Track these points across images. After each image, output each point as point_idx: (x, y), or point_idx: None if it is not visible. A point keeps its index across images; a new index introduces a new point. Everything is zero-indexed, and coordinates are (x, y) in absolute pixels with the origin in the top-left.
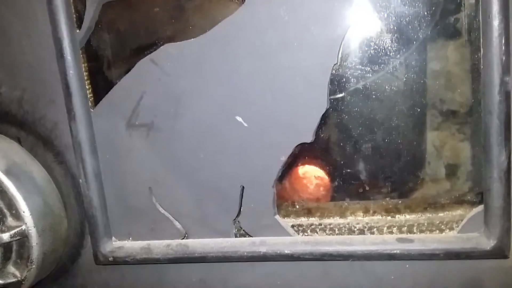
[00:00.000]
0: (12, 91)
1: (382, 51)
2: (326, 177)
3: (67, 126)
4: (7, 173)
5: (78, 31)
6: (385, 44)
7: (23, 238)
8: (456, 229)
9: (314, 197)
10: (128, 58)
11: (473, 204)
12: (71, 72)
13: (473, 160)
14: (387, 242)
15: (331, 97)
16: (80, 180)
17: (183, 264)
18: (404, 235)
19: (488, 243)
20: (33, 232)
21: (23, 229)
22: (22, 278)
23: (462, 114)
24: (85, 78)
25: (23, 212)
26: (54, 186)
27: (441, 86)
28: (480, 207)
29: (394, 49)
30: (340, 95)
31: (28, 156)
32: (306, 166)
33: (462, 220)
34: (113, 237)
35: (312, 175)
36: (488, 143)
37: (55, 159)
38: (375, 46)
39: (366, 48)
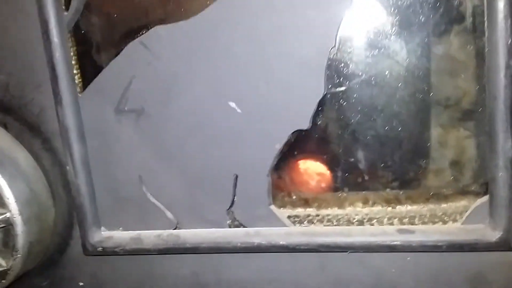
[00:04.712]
0: None
1: (382, 35)
2: (327, 173)
3: (55, 112)
4: None
5: (65, 13)
6: (385, 27)
7: (7, 226)
8: (460, 221)
9: (314, 192)
10: (118, 42)
11: (478, 194)
12: (58, 55)
13: (478, 148)
14: (387, 233)
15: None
16: (68, 167)
17: (175, 255)
18: (405, 226)
19: (493, 235)
20: (18, 220)
21: (8, 216)
22: (8, 267)
23: (465, 101)
24: (74, 62)
25: (7, 199)
26: (41, 174)
27: (445, 72)
28: (485, 198)
29: (394, 32)
30: (341, 88)
31: (13, 142)
32: (308, 161)
33: (466, 212)
34: (102, 226)
35: (313, 171)
36: (493, 130)
37: (42, 146)
38: (375, 30)
39: (366, 32)
